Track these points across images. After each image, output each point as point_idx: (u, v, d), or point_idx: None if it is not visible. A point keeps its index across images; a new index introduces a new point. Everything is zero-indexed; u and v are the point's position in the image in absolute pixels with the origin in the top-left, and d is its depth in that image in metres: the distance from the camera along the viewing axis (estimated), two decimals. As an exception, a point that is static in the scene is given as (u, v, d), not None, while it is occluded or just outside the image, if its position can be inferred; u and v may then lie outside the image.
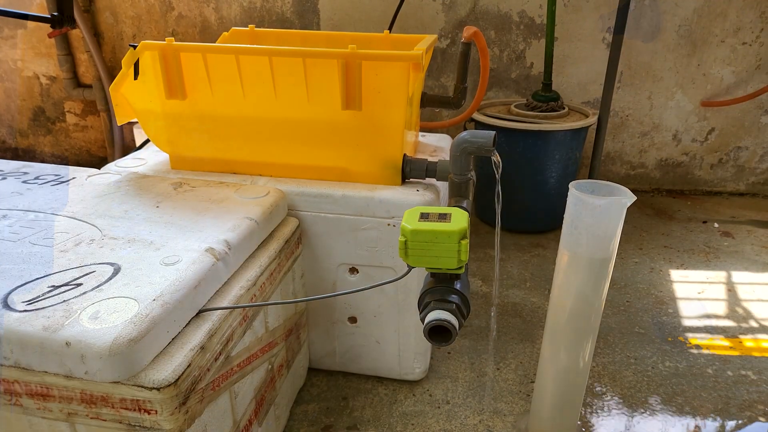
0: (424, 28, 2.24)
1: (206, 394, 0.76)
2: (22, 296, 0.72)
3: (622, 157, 2.43)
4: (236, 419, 0.88)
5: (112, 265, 0.80)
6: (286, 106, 1.11)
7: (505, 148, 1.94)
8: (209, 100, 1.14)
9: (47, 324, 0.67)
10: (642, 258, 1.91)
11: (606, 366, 1.38)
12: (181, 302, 0.74)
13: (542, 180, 1.96)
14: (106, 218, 0.95)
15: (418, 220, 0.72)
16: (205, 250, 0.85)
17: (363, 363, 1.27)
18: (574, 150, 1.96)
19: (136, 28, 2.43)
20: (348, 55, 1.03)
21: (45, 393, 0.70)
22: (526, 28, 2.22)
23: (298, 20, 2.29)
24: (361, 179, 1.15)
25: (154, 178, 1.16)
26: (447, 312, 0.70)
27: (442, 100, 1.39)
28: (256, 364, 0.95)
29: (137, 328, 0.67)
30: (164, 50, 1.08)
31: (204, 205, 1.02)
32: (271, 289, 0.99)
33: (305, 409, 1.20)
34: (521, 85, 2.31)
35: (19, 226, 0.92)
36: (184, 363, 0.70)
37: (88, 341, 0.64)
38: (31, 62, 2.56)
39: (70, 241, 0.87)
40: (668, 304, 1.64)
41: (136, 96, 1.17)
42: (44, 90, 2.61)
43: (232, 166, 1.20)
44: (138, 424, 0.69)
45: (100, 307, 0.70)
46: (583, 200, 0.91)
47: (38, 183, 1.11)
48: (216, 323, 0.79)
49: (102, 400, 0.68)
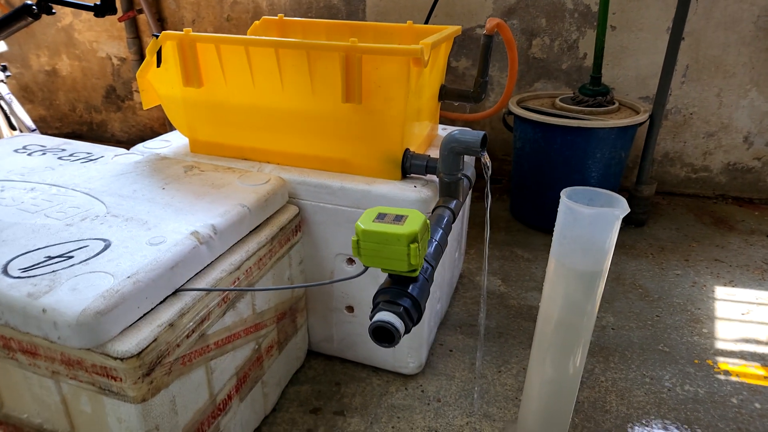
0: (471, 16, 2.19)
1: (175, 367, 0.83)
2: (20, 264, 0.81)
3: (683, 159, 2.26)
4: (212, 393, 0.94)
5: (104, 241, 0.88)
6: (292, 97, 1.15)
7: (542, 143, 1.87)
8: (223, 89, 1.20)
9: (32, 291, 0.75)
10: (686, 270, 1.78)
11: (616, 382, 1.32)
12: (155, 281, 0.81)
13: (580, 179, 1.87)
14: (115, 196, 1.04)
15: (372, 220, 0.73)
16: (190, 234, 0.91)
17: (359, 351, 1.31)
18: (618, 149, 1.86)
19: (195, 13, 2.57)
20: (348, 48, 1.04)
21: (33, 351, 0.79)
22: (581, 16, 2.11)
23: (344, 7, 2.31)
24: (362, 172, 1.17)
25: (171, 161, 1.24)
26: (393, 315, 0.71)
27: (461, 94, 1.36)
28: (239, 343, 1.01)
29: (106, 301, 0.74)
30: (182, 40, 1.15)
31: (205, 190, 1.08)
32: (260, 273, 1.05)
33: (298, 390, 1.26)
34: (572, 77, 2.21)
35: (41, 198, 1.03)
36: (150, 338, 0.77)
37: (61, 310, 0.72)
38: (104, 44, 2.79)
39: (78, 216, 0.96)
40: (704, 323, 1.53)
41: (159, 82, 1.25)
42: (115, 70, 2.84)
43: (243, 152, 1.26)
44: (107, 389, 0.77)
45: (81, 280, 0.78)
46: (571, 209, 0.87)
47: (70, 160, 1.23)
48: (189, 303, 0.85)
49: (78, 364, 0.77)
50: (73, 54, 2.86)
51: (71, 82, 2.94)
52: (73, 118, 3.03)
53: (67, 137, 1.39)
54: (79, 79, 2.91)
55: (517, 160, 2.05)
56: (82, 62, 2.86)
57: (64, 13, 2.76)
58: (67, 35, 2.82)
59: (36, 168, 1.17)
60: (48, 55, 2.90)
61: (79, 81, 2.92)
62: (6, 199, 1.02)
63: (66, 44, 2.84)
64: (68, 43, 2.83)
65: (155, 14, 2.59)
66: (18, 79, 3.00)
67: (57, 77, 2.95)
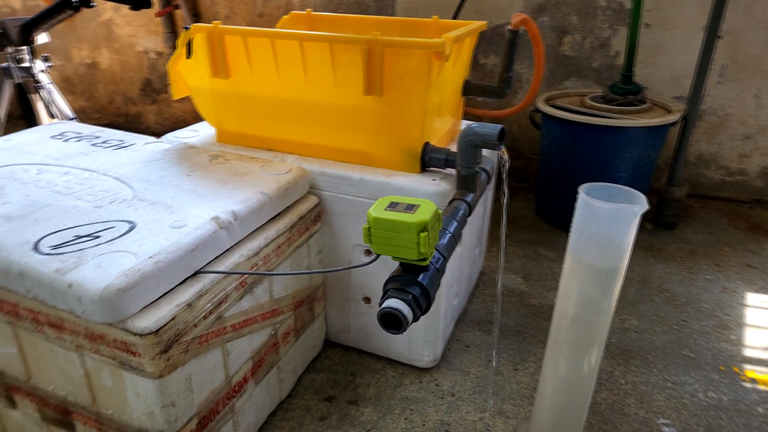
0: (500, 12, 2.17)
1: (192, 347, 0.85)
2: (51, 241, 0.85)
3: (718, 161, 2.19)
4: (228, 374, 0.97)
5: (129, 223, 0.92)
6: (315, 89, 1.16)
7: (569, 141, 1.84)
8: (249, 80, 1.22)
9: (60, 267, 0.79)
10: (716, 275, 1.73)
11: (636, 386, 1.29)
12: (175, 262, 0.84)
13: (608, 179, 1.81)
14: (143, 182, 1.08)
15: (384, 209, 0.74)
16: (211, 219, 0.94)
17: (375, 343, 1.32)
18: (648, 149, 1.81)
19: (229, 9, 2.62)
20: (370, 41, 1.05)
21: (60, 325, 0.83)
22: (614, 13, 2.06)
23: (374, 3, 2.32)
24: (382, 164, 1.18)
25: (198, 150, 1.28)
26: (402, 302, 0.72)
27: (485, 89, 1.36)
28: (256, 327, 1.03)
29: (127, 279, 0.77)
30: (211, 32, 1.18)
31: (228, 178, 1.11)
32: (278, 260, 1.07)
33: (314, 377, 1.28)
34: (603, 75, 2.16)
35: (74, 182, 1.08)
36: (168, 316, 0.79)
37: (85, 285, 0.75)
38: (142, 38, 2.88)
39: (107, 199, 1.00)
40: (732, 330, 1.48)
41: (189, 73, 1.29)
42: (151, 63, 2.93)
43: (267, 143, 1.29)
44: (127, 363, 0.80)
45: (105, 258, 0.81)
46: (589, 204, 0.86)
47: (103, 147, 1.28)
48: (208, 285, 0.87)
49: (100, 338, 0.80)
50: (113, 48, 2.96)
51: (110, 75, 3.04)
52: (111, 109, 3.14)
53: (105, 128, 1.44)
54: (118, 72, 3.01)
55: (543, 158, 2.02)
56: (120, 56, 2.96)
57: (104, 8, 2.86)
58: (107, 30, 2.92)
59: (71, 153, 1.23)
60: (89, 49, 3.01)
61: (118, 74, 3.02)
62: (41, 181, 1.07)
63: (106, 38, 2.94)
64: (108, 37, 2.93)
65: (191, 10, 2.66)
66: (60, 71, 3.12)
67: (97, 70, 3.06)
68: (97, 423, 0.90)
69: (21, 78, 1.73)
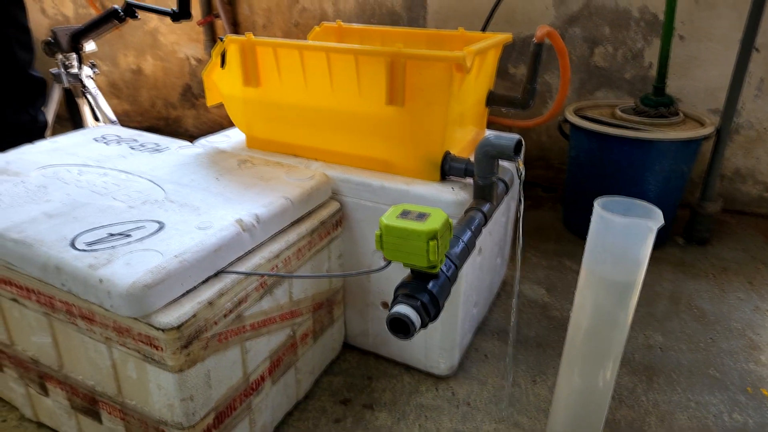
0: (532, 23, 2.17)
1: (211, 343, 0.89)
2: (86, 238, 0.91)
3: (755, 176, 2.11)
4: (246, 372, 1.00)
5: (158, 223, 0.96)
6: (340, 98, 1.20)
7: (597, 153, 1.82)
8: (278, 89, 1.27)
9: (93, 263, 0.84)
10: (749, 294, 1.67)
11: (658, 404, 1.26)
12: (199, 261, 0.88)
13: (637, 193, 1.79)
14: (174, 184, 1.13)
15: (396, 216, 0.76)
16: (235, 221, 0.98)
17: (392, 348, 1.33)
18: (680, 163, 1.77)
19: (266, 18, 2.70)
20: (393, 54, 1.07)
21: (91, 318, 0.88)
22: (647, 25, 2.03)
23: (406, 14, 2.35)
24: (402, 172, 1.20)
25: (228, 154, 1.33)
26: (411, 308, 0.73)
27: (509, 100, 1.36)
28: (274, 328, 1.06)
29: (153, 276, 0.81)
30: (243, 44, 1.23)
31: (254, 182, 1.15)
32: (298, 263, 1.10)
33: (331, 380, 1.30)
34: (636, 86, 2.12)
35: (111, 183, 1.14)
36: (190, 313, 0.83)
37: (114, 281, 0.80)
38: (185, 46, 2.99)
39: (140, 200, 1.06)
40: (762, 351, 1.43)
41: (223, 82, 1.34)
42: (192, 70, 3.04)
43: (293, 149, 1.33)
44: (150, 357, 0.84)
45: (134, 256, 0.86)
46: (603, 218, 0.86)
47: (141, 150, 1.34)
48: (229, 285, 0.91)
49: (127, 332, 0.84)
50: (157, 55, 3.08)
51: (153, 81, 3.17)
52: (153, 113, 3.27)
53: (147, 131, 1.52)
54: (160, 77, 3.14)
55: (571, 169, 2.00)
56: (163, 62, 3.08)
57: (150, 17, 2.99)
58: (152, 38, 3.05)
59: (110, 156, 1.29)
60: (134, 56, 3.15)
61: (160, 80, 3.15)
62: (82, 182, 1.14)
63: (151, 46, 3.07)
64: (153, 44, 3.06)
65: (230, 19, 2.75)
66: (108, 76, 3.27)
67: (141, 75, 3.19)
68: (122, 413, 0.94)
69: (69, 83, 1.83)
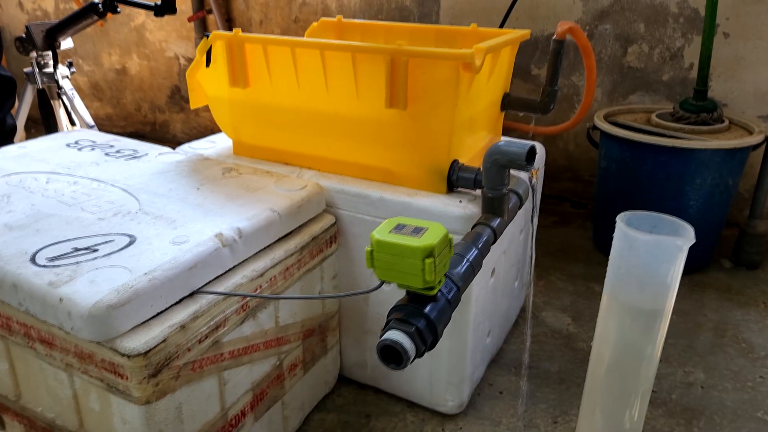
0: (557, 19, 2.17)
1: (184, 372, 0.89)
2: (48, 253, 0.92)
3: (814, 192, 2.07)
4: (224, 406, 1.00)
5: (129, 237, 0.97)
6: (336, 101, 1.20)
7: (630, 164, 1.81)
8: (268, 90, 1.28)
9: (53, 280, 0.85)
10: (805, 326, 1.63)
11: (697, 450, 1.23)
12: (171, 280, 0.88)
13: (676, 207, 1.78)
14: (150, 194, 1.14)
15: (389, 231, 0.76)
16: (215, 235, 0.98)
17: (393, 382, 1.32)
18: (725, 175, 1.75)
19: (263, 14, 2.75)
20: (393, 51, 1.08)
21: (50, 341, 0.88)
22: (687, 21, 2.02)
23: (417, 9, 2.38)
24: (405, 183, 1.20)
25: (212, 162, 1.34)
26: (404, 334, 0.72)
27: (527, 104, 1.36)
28: (257, 356, 1.06)
29: (119, 296, 0.81)
30: (230, 40, 1.25)
31: (238, 192, 1.16)
32: (285, 284, 1.10)
33: (323, 417, 1.29)
34: (675, 89, 2.11)
35: (81, 192, 1.15)
36: (159, 337, 0.83)
37: (76, 300, 0.80)
38: (173, 44, 3.05)
39: (111, 211, 1.07)
40: (820, 392, 1.39)
41: (208, 82, 1.36)
42: (181, 70, 3.09)
43: (284, 156, 1.34)
44: (114, 387, 0.84)
45: (100, 273, 0.86)
46: (626, 235, 0.85)
47: (116, 156, 1.36)
48: (205, 306, 0.91)
49: (89, 358, 0.85)
50: (143, 53, 3.15)
51: (138, 82, 3.23)
52: (138, 117, 3.33)
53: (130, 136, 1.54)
54: (146, 78, 3.20)
55: (600, 182, 1.99)
56: (150, 62, 3.14)
57: (138, 13, 3.06)
58: (138, 35, 3.11)
59: (82, 163, 1.31)
60: (119, 54, 3.22)
61: (146, 80, 3.20)
62: (49, 191, 1.16)
63: (137, 43, 3.14)
64: (139, 42, 3.13)
65: (224, 15, 2.80)
66: (89, 77, 3.34)
67: (125, 76, 3.26)
68: (84, 449, 0.94)
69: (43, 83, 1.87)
